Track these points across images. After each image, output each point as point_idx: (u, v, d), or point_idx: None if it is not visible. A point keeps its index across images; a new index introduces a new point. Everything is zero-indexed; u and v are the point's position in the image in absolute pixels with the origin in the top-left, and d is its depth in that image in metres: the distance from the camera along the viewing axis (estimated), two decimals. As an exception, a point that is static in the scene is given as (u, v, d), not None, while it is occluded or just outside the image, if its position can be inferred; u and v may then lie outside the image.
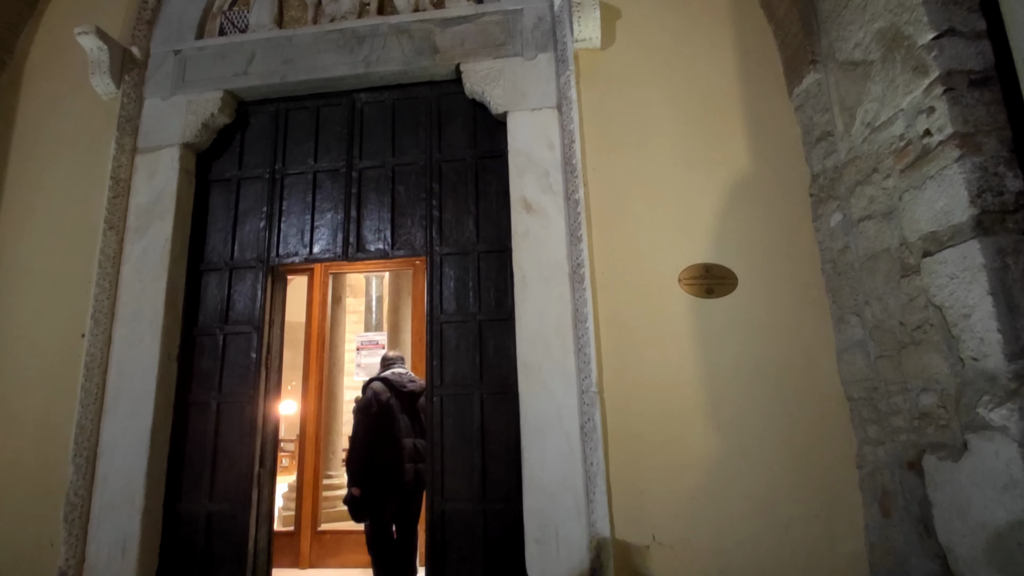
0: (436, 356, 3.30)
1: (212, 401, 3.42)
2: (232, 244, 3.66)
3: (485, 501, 3.08)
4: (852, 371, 2.88)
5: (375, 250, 3.54)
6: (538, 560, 2.81)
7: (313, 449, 4.81)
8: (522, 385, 3.02)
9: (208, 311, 3.58)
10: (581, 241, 3.09)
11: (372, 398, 3.59)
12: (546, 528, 2.84)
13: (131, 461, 3.18)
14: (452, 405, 3.23)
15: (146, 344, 3.34)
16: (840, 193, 2.94)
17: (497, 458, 3.13)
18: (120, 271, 3.46)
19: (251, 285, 3.57)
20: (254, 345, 3.46)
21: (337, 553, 4.54)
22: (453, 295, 3.39)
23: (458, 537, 3.07)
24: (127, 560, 3.07)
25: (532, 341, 3.06)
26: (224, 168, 3.78)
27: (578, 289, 3.05)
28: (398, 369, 3.83)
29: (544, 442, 2.93)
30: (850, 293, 2.88)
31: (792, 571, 2.75)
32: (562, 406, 2.96)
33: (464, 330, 3.32)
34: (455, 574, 3.02)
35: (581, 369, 2.97)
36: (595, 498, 2.80)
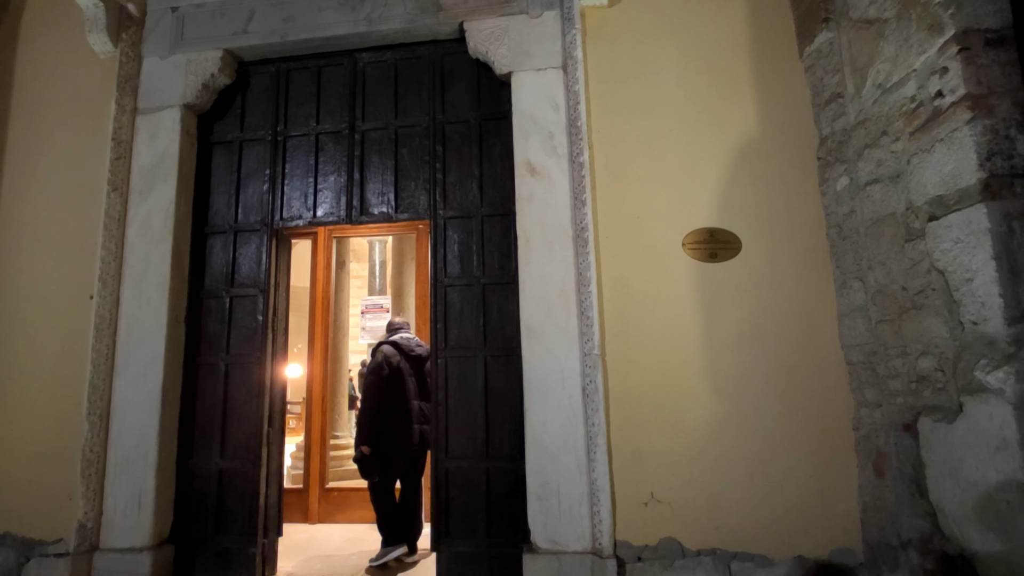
0: (440, 319, 3.33)
1: (220, 362, 3.48)
2: (236, 207, 3.66)
3: (488, 460, 3.16)
4: (852, 335, 2.90)
5: (379, 213, 3.54)
6: (540, 516, 2.90)
7: (320, 410, 4.91)
8: (525, 348, 3.06)
9: (214, 274, 3.60)
10: (585, 205, 3.08)
11: (383, 361, 3.65)
12: (548, 486, 2.92)
13: (144, 419, 3.27)
14: (456, 367, 3.28)
15: (154, 306, 3.38)
16: (848, 157, 2.91)
17: (500, 418, 3.19)
18: (125, 233, 3.47)
19: (256, 248, 3.58)
20: (260, 307, 3.50)
21: (344, 509, 4.68)
22: (457, 259, 3.40)
23: (462, 494, 3.16)
24: (143, 513, 3.18)
25: (535, 304, 3.09)
26: (226, 130, 3.75)
27: (581, 253, 3.06)
28: (405, 334, 3.88)
29: (546, 403, 2.99)
30: (854, 258, 2.88)
31: (785, 528, 2.83)
32: (564, 368, 3.00)
33: (468, 294, 3.35)
34: (459, 529, 3.13)
35: (584, 332, 3.00)
36: (596, 457, 2.87)
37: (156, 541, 3.19)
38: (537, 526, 2.90)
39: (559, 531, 2.87)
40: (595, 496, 2.85)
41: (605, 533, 2.79)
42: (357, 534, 4.34)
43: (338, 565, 3.60)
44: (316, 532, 4.45)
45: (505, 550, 3.04)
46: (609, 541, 2.79)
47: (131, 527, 3.17)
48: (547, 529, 2.88)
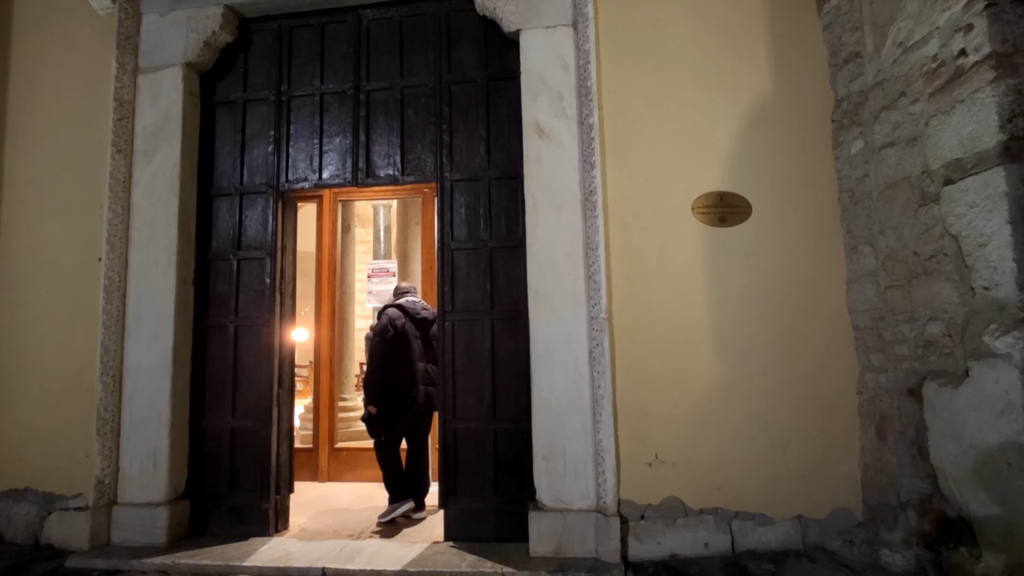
0: (447, 282, 3.33)
1: (229, 324, 3.51)
2: (241, 169, 3.62)
3: (495, 421, 3.21)
4: (860, 301, 2.90)
5: (385, 176, 3.50)
6: (545, 476, 2.97)
7: (328, 373, 4.98)
8: (532, 311, 3.07)
9: (221, 236, 3.60)
10: (594, 168, 3.04)
11: (388, 323, 3.68)
12: (553, 446, 2.97)
13: (155, 380, 3.32)
14: (463, 330, 3.31)
15: (162, 268, 3.39)
16: (864, 119, 2.85)
17: (507, 381, 3.23)
18: (131, 196, 3.46)
19: (262, 211, 3.57)
20: (267, 270, 3.51)
21: (353, 468, 4.80)
22: (464, 222, 3.38)
23: (469, 454, 3.22)
24: (158, 470, 3.26)
25: (543, 268, 3.08)
26: (229, 90, 3.69)
27: (590, 216, 3.04)
28: (411, 297, 3.89)
29: (553, 366, 3.01)
30: (865, 223, 2.85)
31: (787, 488, 2.89)
32: (571, 332, 3.02)
33: (475, 257, 3.34)
34: (467, 488, 3.20)
35: (591, 296, 3.00)
36: (601, 419, 2.91)
37: (172, 497, 3.28)
38: (543, 485, 2.97)
39: (564, 490, 2.93)
40: (600, 457, 2.90)
41: (609, 492, 2.86)
42: (366, 492, 4.45)
43: (349, 520, 3.71)
44: (326, 489, 4.57)
45: (511, 508, 3.12)
46: (613, 500, 2.85)
47: (147, 483, 3.26)
48: (552, 488, 2.95)
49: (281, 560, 2.94)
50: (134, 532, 3.20)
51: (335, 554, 3.00)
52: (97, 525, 3.19)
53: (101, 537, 3.20)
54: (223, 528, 3.36)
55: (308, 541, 3.22)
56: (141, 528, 3.20)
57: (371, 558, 2.94)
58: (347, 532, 3.47)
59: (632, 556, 2.83)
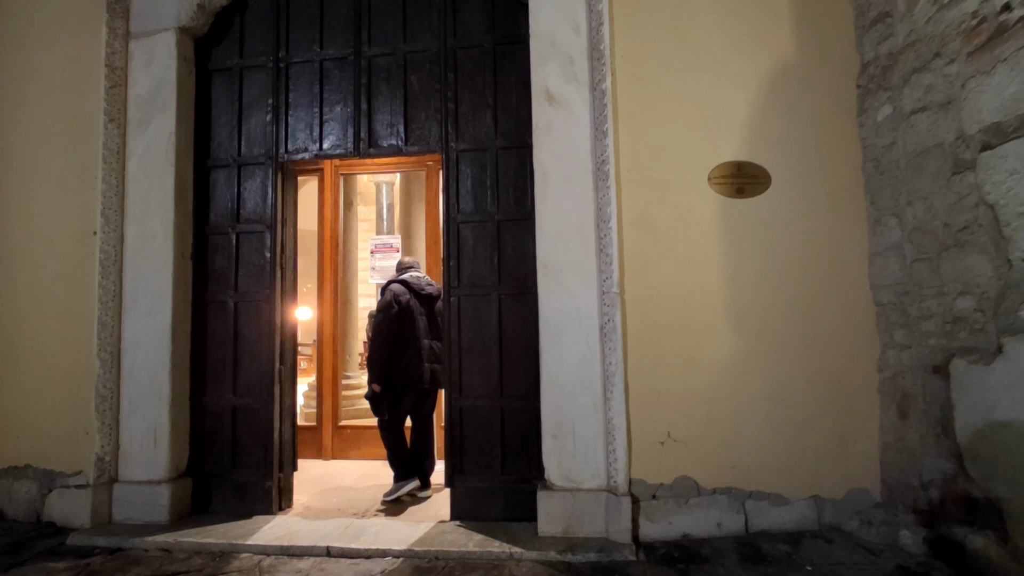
0: (453, 256, 3.23)
1: (229, 300, 3.42)
2: (239, 139, 3.50)
3: (502, 399, 3.13)
4: (884, 275, 2.79)
5: (388, 146, 3.37)
6: (554, 454, 2.89)
7: (331, 351, 4.90)
8: (541, 286, 2.97)
9: (219, 209, 3.49)
10: (607, 136, 2.91)
11: (392, 299, 3.57)
12: (563, 425, 2.89)
13: (154, 356, 3.24)
14: (469, 305, 3.21)
15: (159, 242, 3.29)
16: (893, 83, 2.70)
17: (515, 358, 3.14)
18: (126, 167, 3.34)
19: (260, 182, 3.45)
20: (267, 244, 3.40)
21: (358, 446, 4.75)
22: (470, 194, 3.26)
23: (476, 432, 3.15)
24: (159, 448, 3.20)
25: (553, 241, 2.97)
26: (225, 56, 3.54)
27: (602, 187, 2.91)
28: (415, 273, 3.78)
29: (563, 342, 2.92)
30: (891, 193, 2.73)
31: (802, 466, 2.81)
32: (582, 307, 2.92)
33: (482, 230, 3.23)
34: (474, 466, 3.14)
35: (602, 270, 2.89)
36: (612, 396, 2.82)
37: (173, 474, 3.23)
38: (552, 464, 2.89)
39: (574, 469, 2.86)
40: (611, 435, 2.82)
41: (620, 471, 2.78)
42: (371, 470, 4.40)
43: (353, 498, 3.66)
44: (330, 468, 4.53)
45: (519, 486, 3.05)
46: (624, 479, 2.78)
47: (148, 460, 3.20)
48: (562, 467, 2.88)
49: (285, 538, 2.89)
50: (136, 510, 3.15)
51: (340, 532, 2.94)
52: (98, 503, 3.14)
53: (102, 515, 3.15)
54: (226, 506, 3.31)
55: (312, 520, 3.17)
56: (143, 506, 3.15)
57: (376, 536, 2.88)
58: (352, 510, 3.41)
59: (643, 536, 2.77)
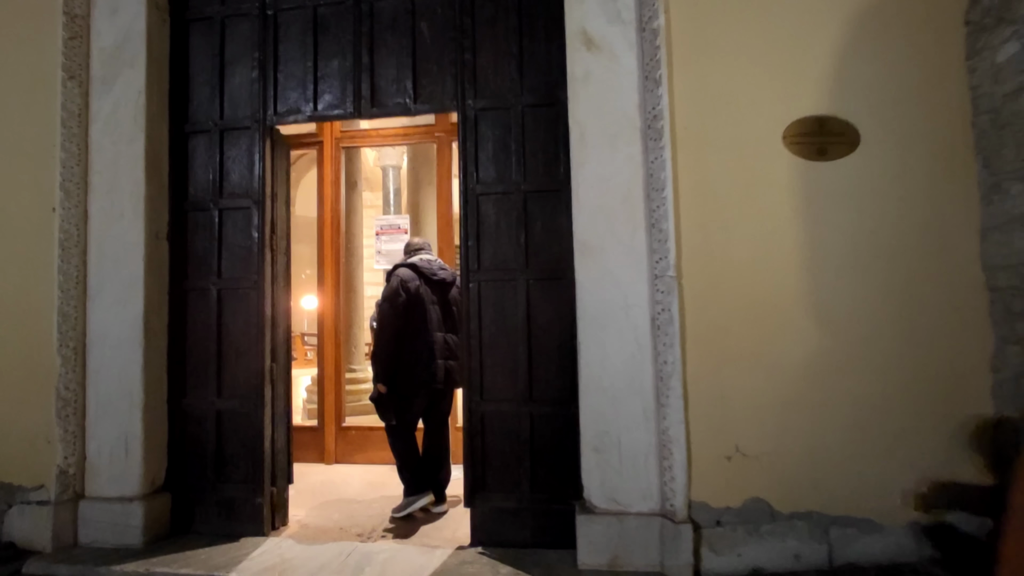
0: (472, 235, 2.73)
1: (211, 287, 2.95)
2: (220, 100, 3.00)
3: (532, 403, 2.65)
4: (1002, 254, 2.26)
5: (394, 105, 2.87)
6: (596, 471, 2.41)
7: (333, 343, 4.43)
8: (579, 269, 2.47)
9: (199, 182, 3.00)
10: (659, 85, 2.39)
11: (399, 286, 3.08)
12: (607, 435, 2.40)
13: (125, 353, 2.78)
14: (492, 293, 2.72)
15: (128, 220, 2.81)
16: (1018, 15, 2.16)
17: (546, 354, 2.65)
18: (89, 132, 2.86)
19: (246, 150, 2.96)
20: (255, 222, 2.92)
21: (363, 449, 4.30)
22: (491, 161, 2.75)
23: (501, 442, 2.67)
24: (131, 459, 2.75)
25: (592, 215, 2.47)
26: (203, 3, 3.04)
27: (653, 148, 2.40)
28: (425, 255, 3.28)
29: (606, 336, 2.43)
30: (1015, 152, 2.20)
31: (899, 487, 2.31)
32: (629, 294, 2.42)
33: (506, 204, 2.73)
34: (498, 482, 2.66)
35: (655, 249, 2.39)
36: (668, 402, 2.33)
37: (148, 490, 2.78)
38: (593, 482, 2.41)
39: (620, 489, 2.38)
40: (666, 448, 2.34)
41: (678, 492, 2.29)
42: (378, 476, 3.95)
43: (357, 513, 3.21)
44: (333, 474, 4.08)
45: (553, 507, 2.58)
46: (683, 502, 2.29)
47: (119, 474, 2.75)
48: (606, 486, 2.39)
49: (275, 569, 2.44)
50: (104, 531, 2.71)
51: (340, 562, 2.49)
52: (61, 523, 2.70)
53: (66, 537, 2.71)
54: (210, 525, 2.86)
55: (309, 544, 2.71)
56: (113, 527, 2.70)
57: (383, 568, 2.42)
58: (355, 530, 2.95)
59: (706, 570, 2.28)
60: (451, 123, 4.24)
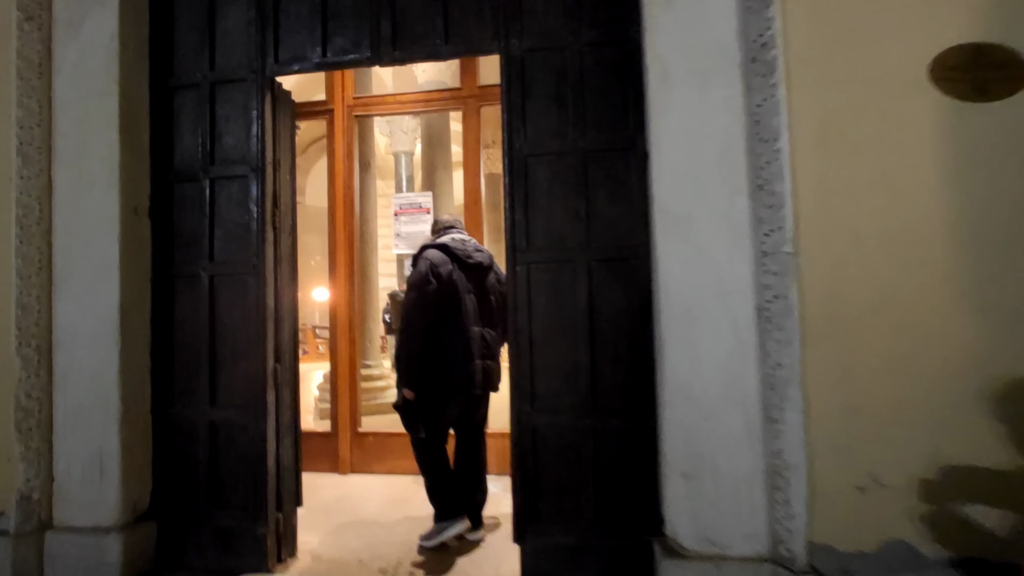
0: (520, 207, 2.21)
1: (202, 273, 2.45)
2: (211, 47, 2.50)
3: (596, 415, 2.13)
4: None
5: (420, 46, 2.35)
6: (685, 503, 1.89)
7: (347, 339, 3.94)
8: (660, 245, 1.94)
9: (186, 146, 2.50)
10: (768, 6, 1.85)
11: (428, 271, 2.54)
12: (699, 457, 1.88)
13: (98, 353, 2.29)
14: (545, 277, 2.20)
15: (100, 192, 2.32)
16: None
17: (614, 354, 2.13)
18: (52, 85, 2.37)
19: (242, 107, 2.45)
20: (253, 194, 2.41)
21: (382, 457, 3.82)
22: (543, 113, 2.22)
23: (557, 463, 2.16)
24: (107, 481, 2.27)
25: (678, 176, 1.94)
26: (189, -70, 2.52)
27: (760, 88, 1.86)
28: (458, 234, 2.75)
29: (696, 332, 1.90)
30: None
31: (1083, 527, 1.77)
32: (726, 277, 1.89)
33: (561, 167, 2.20)
34: (553, 513, 2.15)
35: (762, 218, 1.85)
36: (783, 416, 1.80)
37: (129, 518, 2.30)
38: (680, 516, 1.90)
39: (717, 526, 1.86)
40: (778, 475, 1.81)
41: (795, 532, 1.77)
42: (400, 490, 3.47)
43: (379, 540, 2.72)
44: (349, 487, 3.60)
45: (625, 544, 2.07)
46: (801, 544, 1.77)
47: (93, 499, 2.27)
48: (698, 522, 1.88)
49: (281, 624, 1.95)
50: (76, 569, 2.23)
51: (362, 614, 1.99)
52: (22, 559, 2.23)
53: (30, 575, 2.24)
54: (204, 560, 2.39)
55: (322, 586, 2.22)
56: (85, 564, 2.23)
57: (416, 623, 1.93)
58: (378, 563, 2.47)
59: (832, 633, 1.77)
60: (479, 86, 3.72)
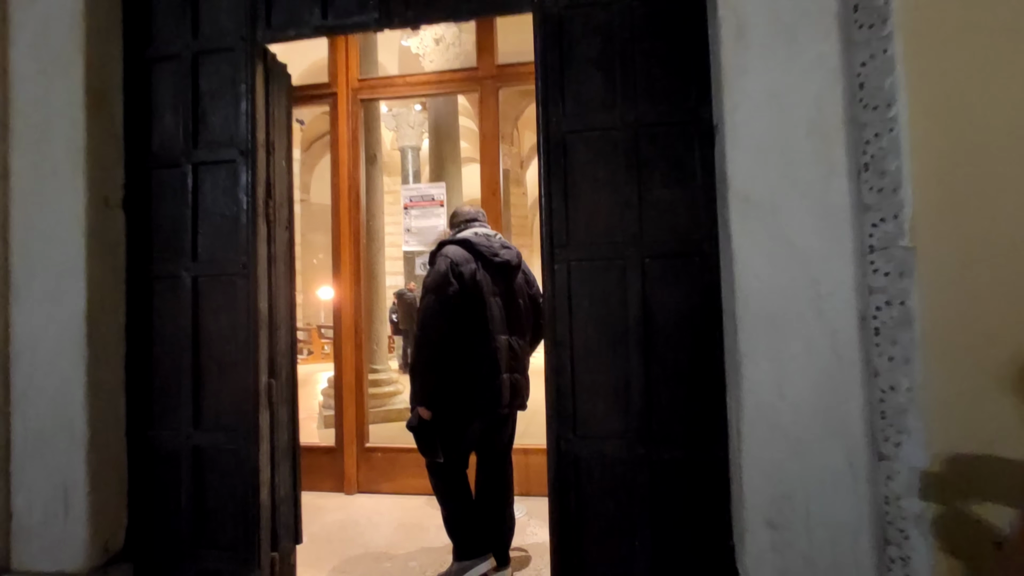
0: (557, 194, 1.85)
1: (185, 274, 2.10)
2: (194, 11, 2.15)
3: (652, 443, 1.77)
4: None
5: (438, 5, 1.98)
6: (770, 557, 1.52)
7: (353, 343, 3.60)
8: (737, 239, 1.57)
9: (165, 127, 2.16)
10: (875, -63, 1.48)
11: (449, 270, 2.17)
12: (788, 501, 1.52)
13: (63, 368, 1.95)
14: (588, 278, 1.83)
15: (63, 180, 1.98)
16: None
17: (674, 370, 1.76)
18: (8, 56, 2.03)
19: (231, 80, 2.10)
20: (243, 182, 2.07)
21: (390, 476, 3.48)
22: (585, 82, 1.86)
23: (604, 500, 1.80)
24: (73, 516, 1.93)
25: (759, 153, 1.57)
26: None
27: (865, 43, 1.49)
28: (482, 229, 2.38)
29: (783, 345, 1.53)
30: None
31: None
32: (822, 277, 1.52)
33: (606, 146, 1.84)
34: (600, 561, 1.79)
35: (869, 205, 1.48)
36: (898, 453, 1.44)
37: (99, 560, 1.96)
38: (764, 573, 1.53)
39: (812, 586, 1.50)
40: (892, 526, 1.45)
41: (915, 599, 1.41)
42: (412, 514, 3.13)
43: None
44: (355, 509, 3.26)
45: (688, 602, 1.71)
46: (923, 614, 1.41)
47: (57, 539, 1.94)
48: (787, 581, 1.52)
49: None
50: (36, 623, 1.91)
51: None
52: (-26, 611, 1.90)
53: (-16, 630, 1.92)
54: (188, 608, 2.05)
55: (324, 646, 1.88)
56: (47, 617, 1.90)
57: None
58: (390, 612, 2.12)
59: None
60: (497, 65, 3.36)
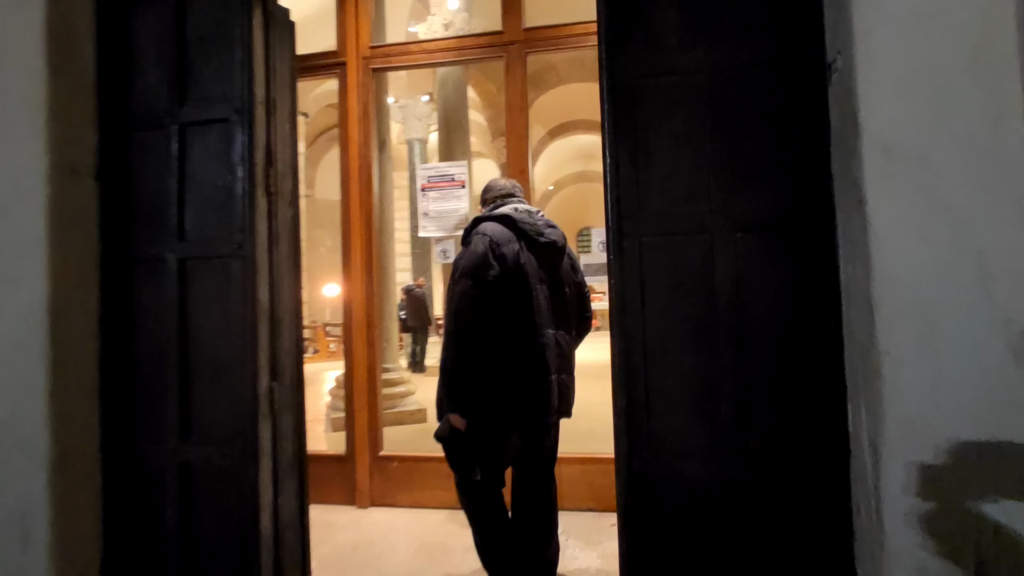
0: (624, 156, 1.49)
1: (170, 256, 1.76)
2: (178, -57, 1.80)
3: (748, 466, 1.41)
4: None
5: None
6: (922, 614, 1.18)
7: (364, 342, 3.25)
8: (874, 201, 1.22)
9: (147, 82, 1.81)
10: None
11: (488, 251, 1.79)
12: (944, 543, 1.17)
13: (19, 370, 1.61)
14: (665, 259, 1.48)
15: (20, 143, 1.64)
16: None
17: (775, 371, 1.41)
18: (-45, -6, 1.68)
19: (224, 24, 1.75)
20: (239, 146, 1.72)
21: (407, 487, 3.13)
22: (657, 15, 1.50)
23: (688, 534, 1.44)
24: (33, 551, 1.59)
25: (901, 91, 1.21)
26: None
27: (1055, -63, 1.13)
28: (521, 204, 2.01)
29: (938, 341, 1.18)
30: None
31: None
32: (988, 250, 1.17)
33: (685, 95, 1.48)
34: (685, 608, 1.44)
35: (1061, 153, 1.13)
36: (1105, 483, 1.08)
37: (66, 603, 1.62)
38: (911, 636, 1.18)
39: (979, 655, 1.15)
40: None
41: None
42: (433, 531, 2.79)
43: (412, 611, 2.05)
44: (369, 525, 2.91)
45: (799, 664, 1.36)
46: None
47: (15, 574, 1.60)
48: (945, 648, 1.16)
49: None
50: None
51: None
52: (-87, 666, 1.56)
53: None
54: (175, 658, 1.71)
55: None
56: (1, 673, 1.56)
57: None
58: (415, 660, 1.78)
59: None
60: (524, 28, 3.00)
